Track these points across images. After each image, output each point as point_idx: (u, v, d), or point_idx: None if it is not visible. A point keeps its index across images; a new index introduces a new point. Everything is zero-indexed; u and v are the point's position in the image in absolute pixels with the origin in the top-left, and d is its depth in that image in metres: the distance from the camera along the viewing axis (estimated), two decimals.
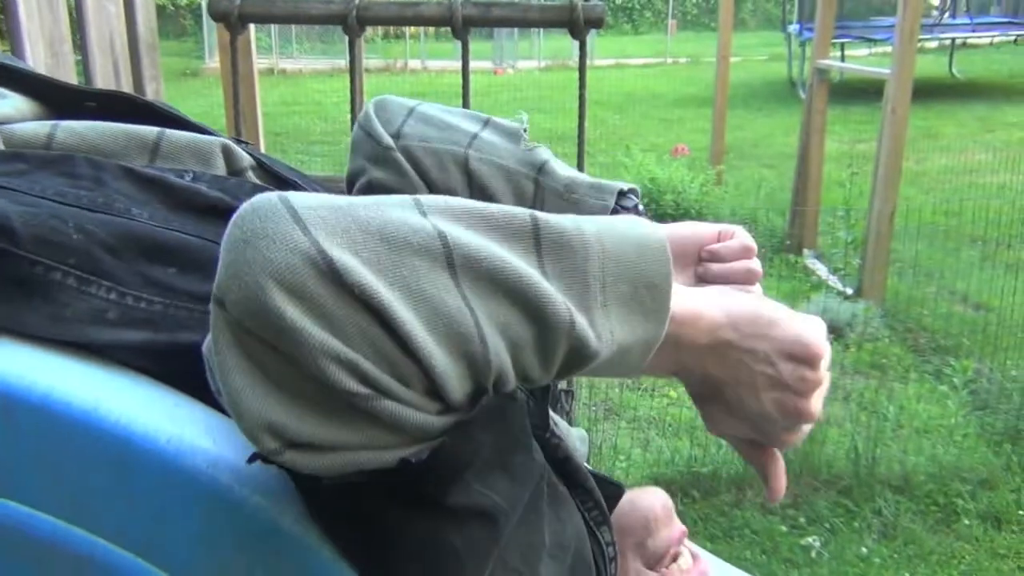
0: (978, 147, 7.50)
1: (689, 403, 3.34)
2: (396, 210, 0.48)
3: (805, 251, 5.25)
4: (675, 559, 0.87)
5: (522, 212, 0.52)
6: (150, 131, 0.70)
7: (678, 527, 0.87)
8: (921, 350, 4.06)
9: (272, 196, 0.47)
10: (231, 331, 0.45)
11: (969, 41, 13.71)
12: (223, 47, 1.88)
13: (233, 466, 0.51)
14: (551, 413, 0.72)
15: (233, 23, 1.25)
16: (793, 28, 11.45)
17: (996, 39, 13.96)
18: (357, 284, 0.45)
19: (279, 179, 0.80)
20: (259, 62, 4.16)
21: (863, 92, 8.50)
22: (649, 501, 0.85)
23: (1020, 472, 3.00)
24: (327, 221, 0.46)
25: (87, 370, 0.53)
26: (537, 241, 0.51)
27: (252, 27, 2.99)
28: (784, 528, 2.75)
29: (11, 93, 0.74)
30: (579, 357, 0.52)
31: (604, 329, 0.53)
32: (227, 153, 0.76)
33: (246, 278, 0.44)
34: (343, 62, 12.55)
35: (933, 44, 12.67)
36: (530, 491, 0.57)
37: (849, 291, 4.54)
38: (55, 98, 0.76)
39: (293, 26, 14.59)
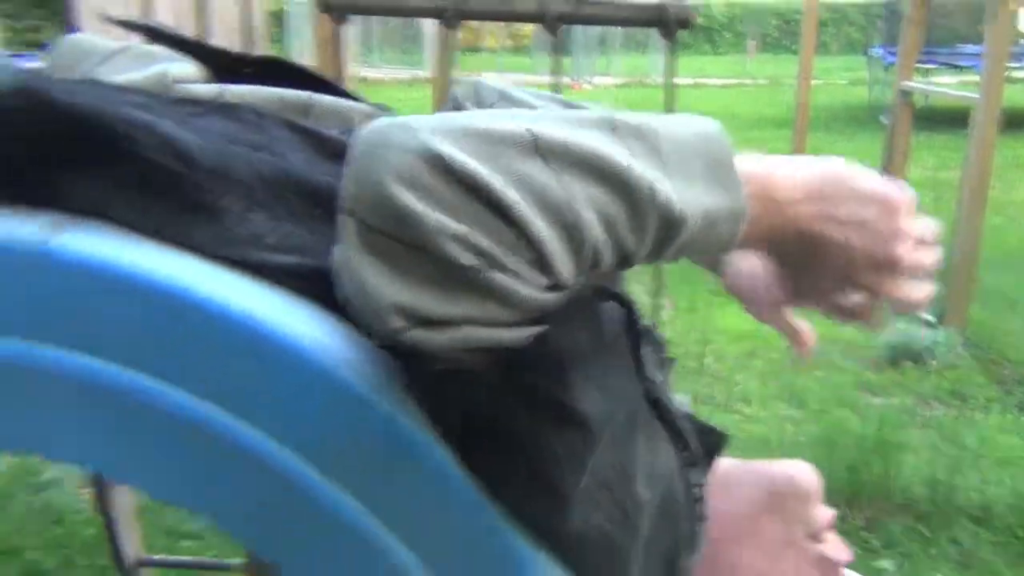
0: None
1: (763, 418, 3.31)
2: (488, 116, 0.56)
3: None
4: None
5: (599, 110, 0.59)
6: (302, 95, 0.77)
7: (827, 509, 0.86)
8: (1004, 381, 3.93)
9: (384, 118, 0.55)
10: (359, 234, 0.53)
11: None
12: (323, 41, 1.94)
13: (361, 368, 0.58)
14: (645, 362, 0.73)
15: (337, 14, 1.30)
16: (876, 52, 11.26)
17: None
18: (463, 170, 0.51)
19: None
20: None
21: (948, 120, 8.28)
22: (810, 476, 0.84)
23: None
24: (432, 126, 0.53)
25: (243, 283, 0.61)
26: (614, 129, 0.57)
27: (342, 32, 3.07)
28: (859, 550, 2.69)
29: (182, 57, 0.82)
30: (669, 227, 0.57)
31: (688, 198, 0.58)
32: (369, 120, 0.81)
33: (369, 180, 0.52)
34: (423, 72, 12.75)
35: (1021, 73, 12.30)
36: (623, 414, 0.61)
37: (931, 318, 4.42)
38: (218, 63, 0.83)
39: (374, 34, 14.85)
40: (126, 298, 0.58)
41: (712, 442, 0.80)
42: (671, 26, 1.52)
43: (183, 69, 0.82)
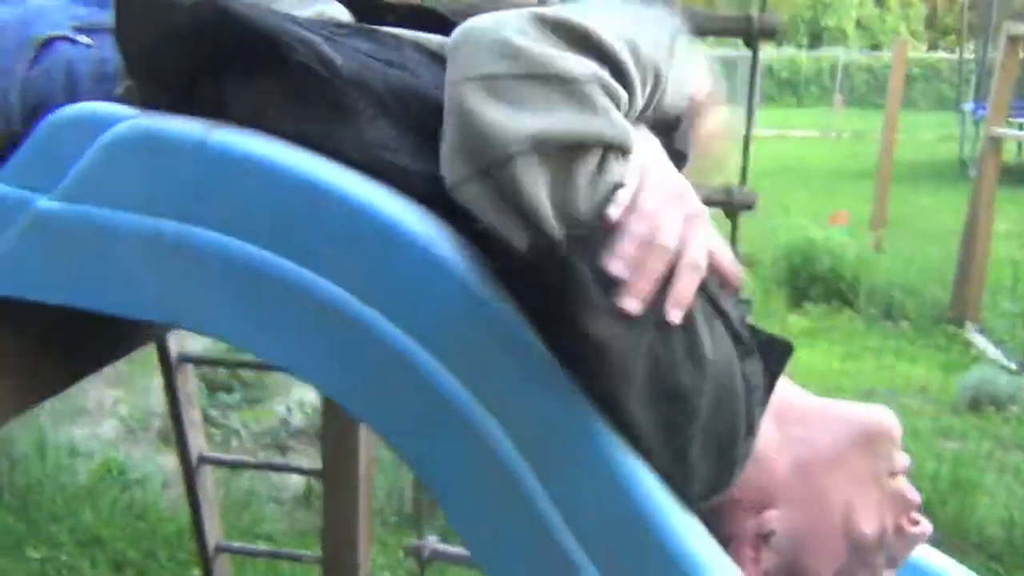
0: None
1: None
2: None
3: (968, 324, 5.03)
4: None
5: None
6: (434, 38, 0.85)
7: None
8: None
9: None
10: (477, 83, 0.63)
11: None
12: None
13: (468, 263, 0.67)
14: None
15: None
16: (967, 107, 11.07)
17: None
18: (562, 21, 0.65)
19: None
20: None
21: None
22: (894, 420, 0.89)
23: None
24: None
25: (370, 181, 0.70)
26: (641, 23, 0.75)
27: None
28: None
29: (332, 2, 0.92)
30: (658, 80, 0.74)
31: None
32: None
33: (485, 38, 0.64)
34: None
35: None
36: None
37: (1013, 365, 4.33)
38: (361, 9, 0.92)
39: None
40: (270, 187, 0.66)
41: (779, 349, 0.83)
42: (755, 36, 1.60)
43: (337, 10, 0.90)
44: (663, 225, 0.67)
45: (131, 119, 0.69)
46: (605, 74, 0.66)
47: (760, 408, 0.77)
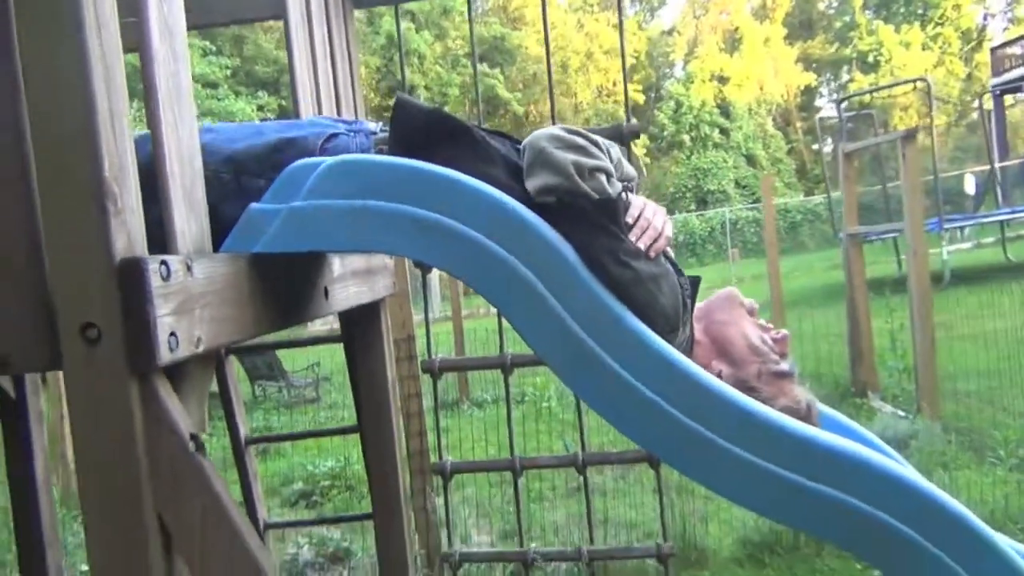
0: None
1: None
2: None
3: (870, 394, 5.80)
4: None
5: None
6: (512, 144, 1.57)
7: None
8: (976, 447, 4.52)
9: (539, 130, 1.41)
10: (546, 142, 1.35)
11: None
12: None
13: (540, 223, 1.35)
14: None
15: None
16: (841, 234, 12.40)
17: None
18: (575, 129, 1.41)
19: None
20: None
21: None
22: (735, 290, 1.65)
23: None
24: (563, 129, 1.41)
25: (493, 190, 1.35)
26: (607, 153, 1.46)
27: None
28: (858, 566, 3.22)
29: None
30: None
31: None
32: None
33: (551, 131, 1.39)
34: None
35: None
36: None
37: (905, 413, 5.06)
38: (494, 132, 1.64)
39: None
40: (432, 182, 1.32)
41: (695, 279, 1.58)
42: (626, 138, 2.39)
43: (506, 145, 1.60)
44: (654, 219, 1.42)
45: (328, 161, 1.37)
46: (592, 147, 1.38)
47: (691, 298, 1.49)
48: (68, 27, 1.01)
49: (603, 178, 1.36)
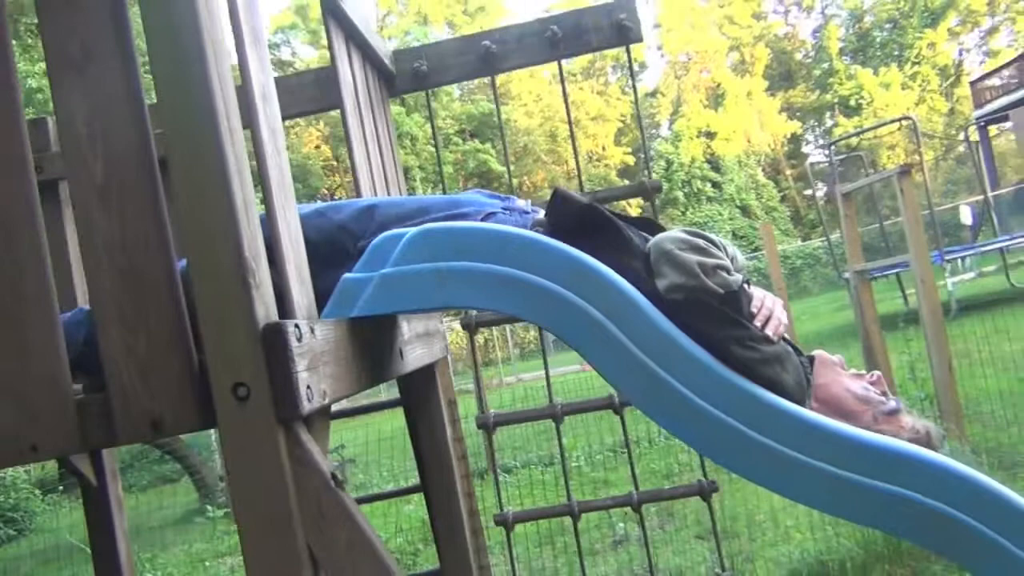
0: None
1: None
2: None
3: None
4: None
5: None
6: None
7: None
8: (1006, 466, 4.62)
9: (664, 234, 1.62)
10: (672, 245, 1.54)
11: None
12: None
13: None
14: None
15: None
16: (847, 274, 12.60)
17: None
18: (694, 231, 1.59)
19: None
20: None
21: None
22: (820, 360, 1.74)
23: None
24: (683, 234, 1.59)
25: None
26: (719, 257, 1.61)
27: None
28: None
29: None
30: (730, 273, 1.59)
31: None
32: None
33: (668, 239, 1.57)
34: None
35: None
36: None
37: None
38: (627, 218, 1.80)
39: None
40: (508, 241, 1.49)
41: (808, 357, 1.71)
42: (650, 194, 2.58)
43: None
44: (775, 308, 1.61)
45: (412, 231, 1.55)
46: (712, 247, 1.56)
47: (808, 373, 1.66)
48: (213, 151, 1.20)
49: (725, 275, 1.53)
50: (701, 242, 1.54)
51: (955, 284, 12.73)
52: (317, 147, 32.35)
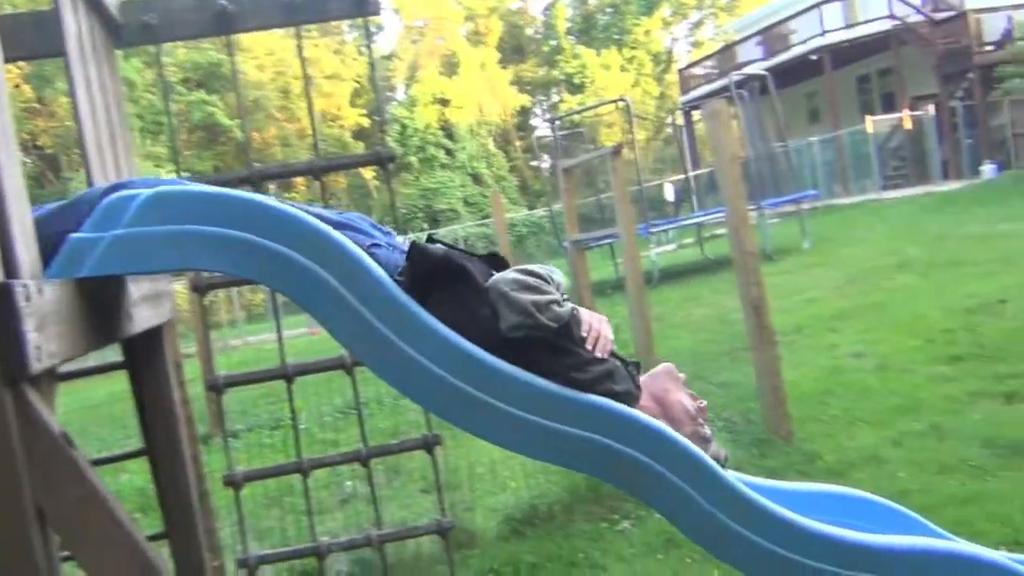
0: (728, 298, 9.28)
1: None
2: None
3: None
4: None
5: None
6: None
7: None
8: None
9: (504, 273, 1.76)
10: (506, 286, 1.67)
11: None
12: None
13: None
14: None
15: None
16: (567, 243, 13.49)
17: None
18: (527, 268, 1.75)
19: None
20: None
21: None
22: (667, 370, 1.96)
23: None
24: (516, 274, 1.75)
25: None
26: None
27: None
28: (603, 524, 3.71)
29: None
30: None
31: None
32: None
33: (505, 279, 1.70)
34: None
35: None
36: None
37: None
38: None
39: None
40: (241, 206, 1.55)
41: (634, 364, 1.89)
42: (384, 161, 2.69)
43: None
44: (602, 329, 1.75)
45: (146, 193, 1.54)
46: (543, 284, 1.69)
47: (635, 382, 1.82)
48: None
49: (556, 308, 1.68)
50: (532, 280, 1.69)
51: (658, 255, 14.01)
52: (17, 86, 29.13)
